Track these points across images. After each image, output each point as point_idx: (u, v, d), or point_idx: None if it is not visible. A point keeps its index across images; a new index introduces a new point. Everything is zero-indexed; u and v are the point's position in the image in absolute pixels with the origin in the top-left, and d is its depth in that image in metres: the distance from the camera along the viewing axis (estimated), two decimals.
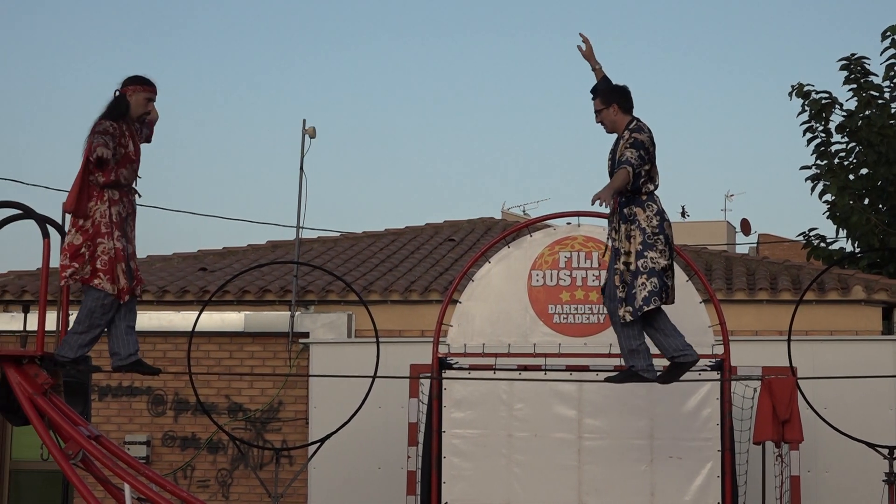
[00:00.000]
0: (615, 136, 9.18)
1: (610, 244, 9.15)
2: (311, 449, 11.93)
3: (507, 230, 11.76)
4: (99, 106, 9.35)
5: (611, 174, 9.09)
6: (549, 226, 11.90)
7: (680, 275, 11.09)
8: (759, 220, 51.14)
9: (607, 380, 9.59)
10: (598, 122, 9.28)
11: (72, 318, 9.65)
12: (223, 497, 16.28)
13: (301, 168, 16.64)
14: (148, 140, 9.61)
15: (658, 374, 9.25)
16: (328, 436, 11.21)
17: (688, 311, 10.96)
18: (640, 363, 9.08)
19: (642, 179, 8.98)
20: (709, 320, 11.07)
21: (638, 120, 9.16)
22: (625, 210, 9.02)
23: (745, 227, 28.10)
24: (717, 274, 16.71)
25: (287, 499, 14.96)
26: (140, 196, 9.45)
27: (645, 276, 8.86)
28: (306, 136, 16.76)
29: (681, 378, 9.80)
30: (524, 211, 30.51)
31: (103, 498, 9.35)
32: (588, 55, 9.47)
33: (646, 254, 8.87)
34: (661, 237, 8.95)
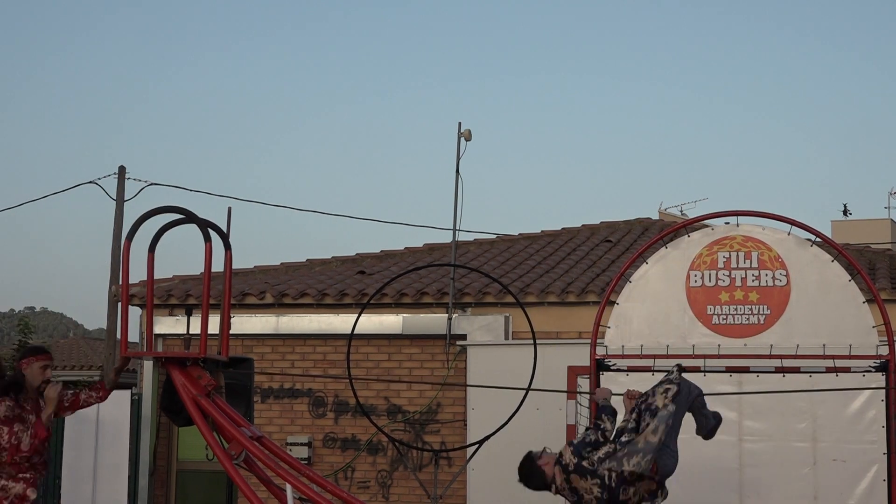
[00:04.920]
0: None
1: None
2: (470, 451, 11.96)
3: (665, 230, 11.64)
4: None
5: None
6: (706, 226, 11.76)
7: (842, 274, 10.88)
8: None
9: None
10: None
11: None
12: (383, 498, 16.42)
13: (457, 171, 16.72)
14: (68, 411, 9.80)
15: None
16: (486, 437, 11.22)
17: (851, 312, 10.75)
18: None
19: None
20: (873, 321, 10.84)
21: None
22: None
23: None
24: (881, 273, 16.35)
25: (446, 500, 15.04)
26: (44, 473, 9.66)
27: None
28: (462, 139, 16.84)
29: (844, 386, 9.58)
30: (682, 211, 30.24)
31: (266, 498, 9.50)
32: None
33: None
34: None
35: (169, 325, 17.22)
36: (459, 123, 16.79)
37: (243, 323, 16.79)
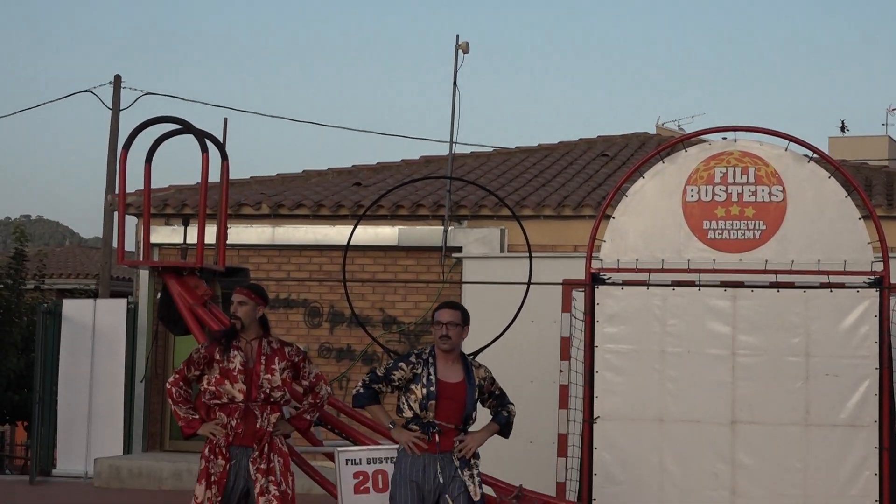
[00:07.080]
0: None
1: None
2: None
3: (662, 145, 11.61)
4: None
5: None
6: (704, 140, 11.73)
7: (839, 190, 10.88)
8: None
9: None
10: (444, 334, 8.55)
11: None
12: None
13: (454, 83, 16.66)
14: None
15: None
16: (481, 349, 11.26)
17: (846, 228, 10.77)
18: None
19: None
20: (868, 237, 10.86)
21: None
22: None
23: None
24: (877, 190, 16.37)
25: None
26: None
27: None
28: (460, 52, 16.76)
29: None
30: (679, 126, 30.18)
31: None
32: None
33: None
34: None
35: (165, 234, 17.24)
36: (457, 36, 16.72)
37: (239, 233, 16.81)
